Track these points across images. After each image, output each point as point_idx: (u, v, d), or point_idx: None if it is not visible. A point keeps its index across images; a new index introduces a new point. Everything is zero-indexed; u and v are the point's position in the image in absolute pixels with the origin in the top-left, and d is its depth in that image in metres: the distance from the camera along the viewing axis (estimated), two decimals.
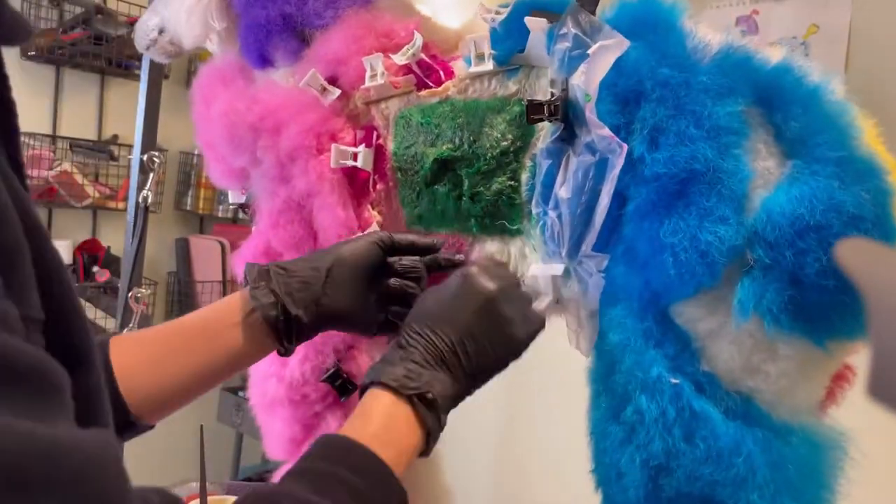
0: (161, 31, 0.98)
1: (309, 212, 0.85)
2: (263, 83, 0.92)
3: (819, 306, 0.62)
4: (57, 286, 0.35)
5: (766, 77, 0.66)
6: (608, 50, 0.69)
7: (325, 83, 0.85)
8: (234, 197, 1.01)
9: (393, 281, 0.74)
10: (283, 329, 0.68)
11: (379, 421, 0.57)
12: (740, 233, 0.63)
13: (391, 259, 0.75)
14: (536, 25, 0.75)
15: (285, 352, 0.70)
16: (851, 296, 0.59)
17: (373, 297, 0.74)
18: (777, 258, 0.62)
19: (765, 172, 0.66)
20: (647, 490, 0.66)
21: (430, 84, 0.83)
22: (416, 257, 0.75)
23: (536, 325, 0.69)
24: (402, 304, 0.74)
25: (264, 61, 0.91)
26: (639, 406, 0.66)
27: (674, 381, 0.65)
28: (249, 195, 0.96)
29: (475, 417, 2.03)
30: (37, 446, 0.27)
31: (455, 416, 0.64)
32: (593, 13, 0.73)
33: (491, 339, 0.65)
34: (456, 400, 0.63)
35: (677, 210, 0.65)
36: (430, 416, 0.59)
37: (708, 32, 0.70)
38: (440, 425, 0.61)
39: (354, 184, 0.86)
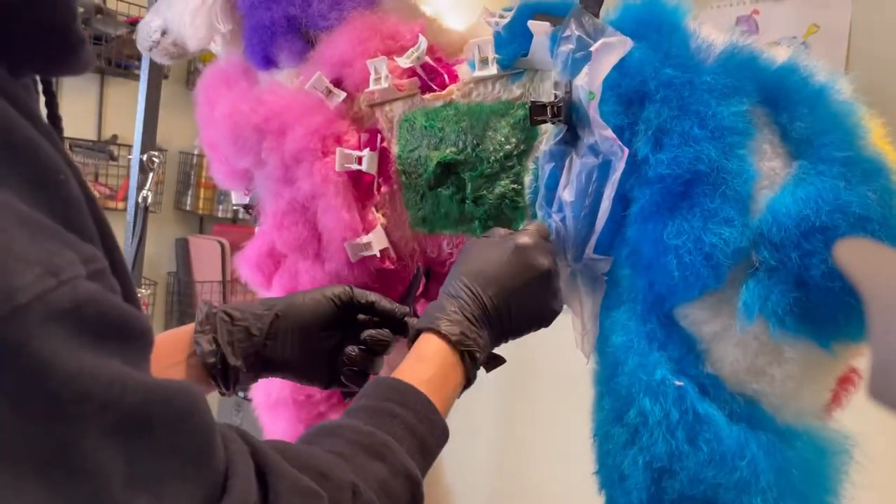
0: (164, 33, 0.98)
1: (313, 213, 0.85)
2: (268, 84, 0.91)
3: (825, 308, 0.62)
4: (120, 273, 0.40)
5: (772, 77, 0.66)
6: (612, 48, 0.69)
7: (331, 86, 0.85)
8: (238, 198, 1.01)
9: (350, 349, 0.74)
10: (220, 376, 0.69)
11: (434, 367, 0.63)
12: (745, 234, 0.63)
13: (361, 317, 0.75)
14: (540, 29, 0.74)
15: (225, 394, 0.71)
16: (857, 297, 0.59)
17: (324, 351, 0.74)
18: (782, 260, 0.62)
19: (770, 173, 0.65)
20: (649, 493, 0.66)
21: (435, 87, 0.83)
22: (387, 330, 0.74)
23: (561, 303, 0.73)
24: (358, 371, 0.74)
25: (268, 63, 0.91)
26: (642, 408, 0.66)
27: (678, 383, 0.65)
28: (253, 195, 0.96)
29: (476, 417, 2.03)
30: (154, 392, 0.34)
31: (456, 416, 0.64)
32: (597, 15, 0.73)
33: (535, 311, 0.70)
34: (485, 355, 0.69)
35: (681, 212, 0.65)
36: (473, 370, 0.66)
37: (712, 32, 0.70)
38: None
39: (359, 186, 0.86)
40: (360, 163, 0.84)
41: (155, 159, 1.44)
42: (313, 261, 0.86)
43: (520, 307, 0.68)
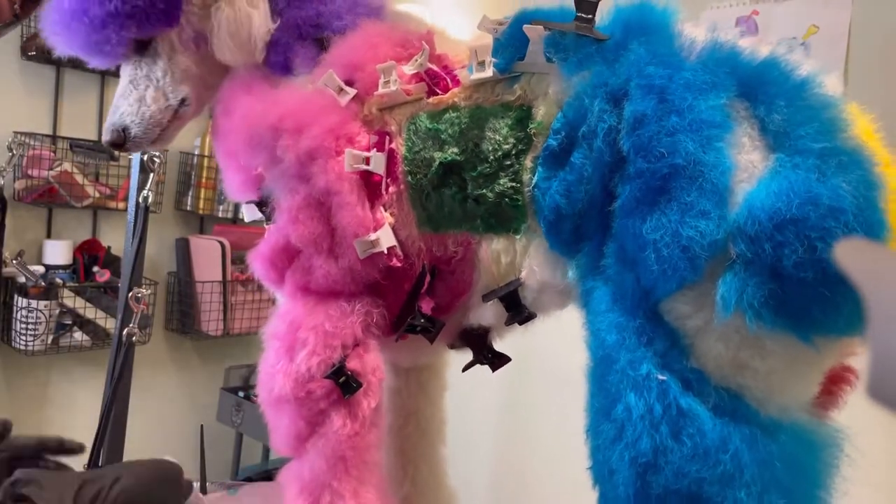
0: (125, 129, 1.02)
1: (328, 209, 0.88)
2: (284, 88, 0.94)
3: (799, 300, 0.62)
4: None
5: (752, 71, 0.67)
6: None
7: (342, 84, 0.89)
8: (250, 214, 1.02)
9: None
10: None
11: None
12: (722, 227, 0.64)
13: None
14: (534, 33, 0.77)
15: None
16: (831, 289, 0.60)
17: None
18: (757, 252, 0.62)
19: (749, 166, 0.66)
20: (636, 487, 0.66)
21: (439, 92, 0.87)
22: None
23: None
24: None
25: (287, 68, 0.94)
26: (628, 404, 0.67)
27: (661, 377, 0.65)
28: (267, 193, 0.97)
29: (477, 418, 2.04)
30: None
31: (457, 417, 0.64)
32: (592, 21, 0.75)
33: None
34: None
35: (660, 206, 0.66)
36: None
37: (696, 31, 0.72)
38: None
39: (368, 186, 0.89)
40: (367, 163, 0.87)
41: (155, 159, 1.45)
42: (327, 256, 0.88)
43: None
